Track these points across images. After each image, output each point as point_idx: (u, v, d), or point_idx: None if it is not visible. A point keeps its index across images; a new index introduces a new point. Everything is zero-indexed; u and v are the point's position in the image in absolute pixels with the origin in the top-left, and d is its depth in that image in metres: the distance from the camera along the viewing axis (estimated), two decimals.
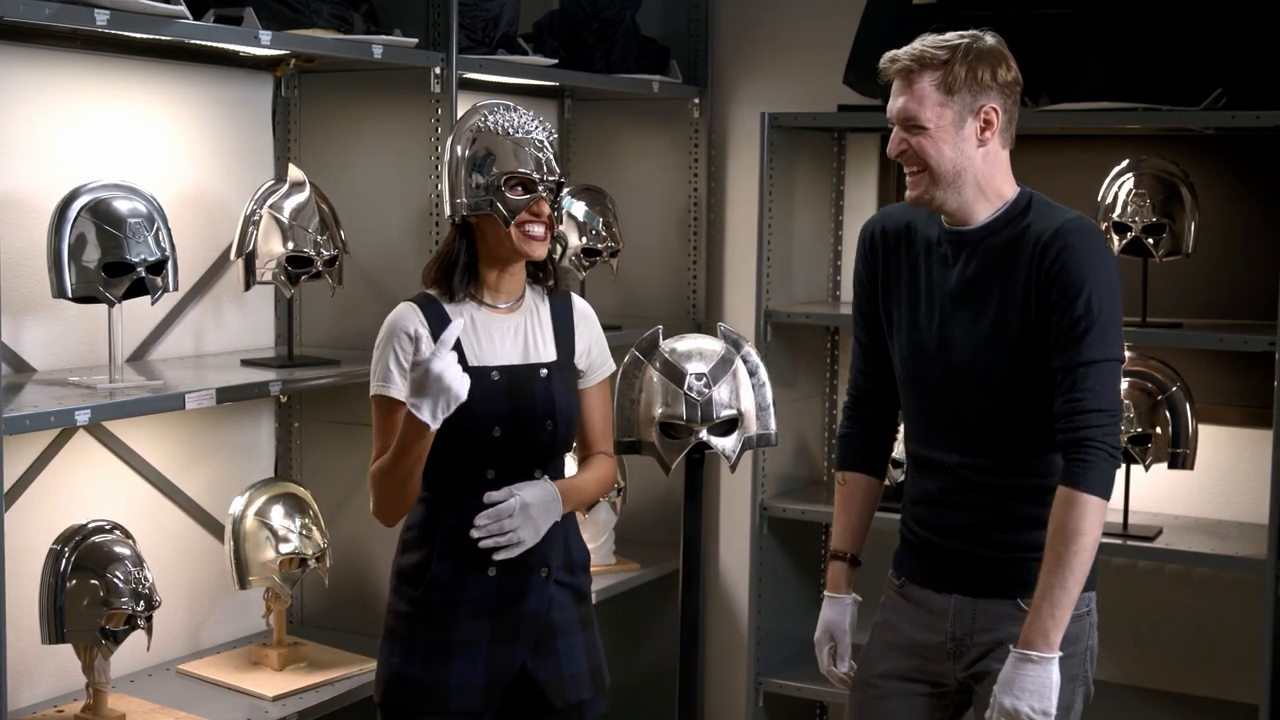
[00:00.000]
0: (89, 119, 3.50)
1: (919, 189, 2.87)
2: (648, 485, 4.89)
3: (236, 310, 3.90)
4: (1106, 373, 2.76)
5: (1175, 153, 4.15)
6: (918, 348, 2.94)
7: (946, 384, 2.91)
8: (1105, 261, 2.82)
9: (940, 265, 2.93)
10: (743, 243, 4.88)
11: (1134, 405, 4.02)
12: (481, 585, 2.95)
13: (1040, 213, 2.88)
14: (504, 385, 2.94)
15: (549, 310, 3.06)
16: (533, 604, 2.98)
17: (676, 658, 4.84)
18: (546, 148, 2.95)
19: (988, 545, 2.91)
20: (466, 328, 2.93)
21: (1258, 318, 4.14)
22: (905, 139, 2.85)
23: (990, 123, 2.86)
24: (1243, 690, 4.20)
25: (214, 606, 3.85)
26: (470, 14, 3.91)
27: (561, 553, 3.02)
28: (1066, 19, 4.19)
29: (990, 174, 2.90)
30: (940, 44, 2.86)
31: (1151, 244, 4.03)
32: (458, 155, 2.95)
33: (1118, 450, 2.76)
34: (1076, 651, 2.87)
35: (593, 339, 3.10)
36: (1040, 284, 2.79)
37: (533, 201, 2.90)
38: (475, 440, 2.92)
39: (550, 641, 3.01)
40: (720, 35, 4.89)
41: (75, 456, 3.49)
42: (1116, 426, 2.77)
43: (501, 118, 2.95)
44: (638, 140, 4.95)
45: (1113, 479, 2.77)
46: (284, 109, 3.97)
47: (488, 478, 2.94)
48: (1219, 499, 4.36)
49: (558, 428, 2.98)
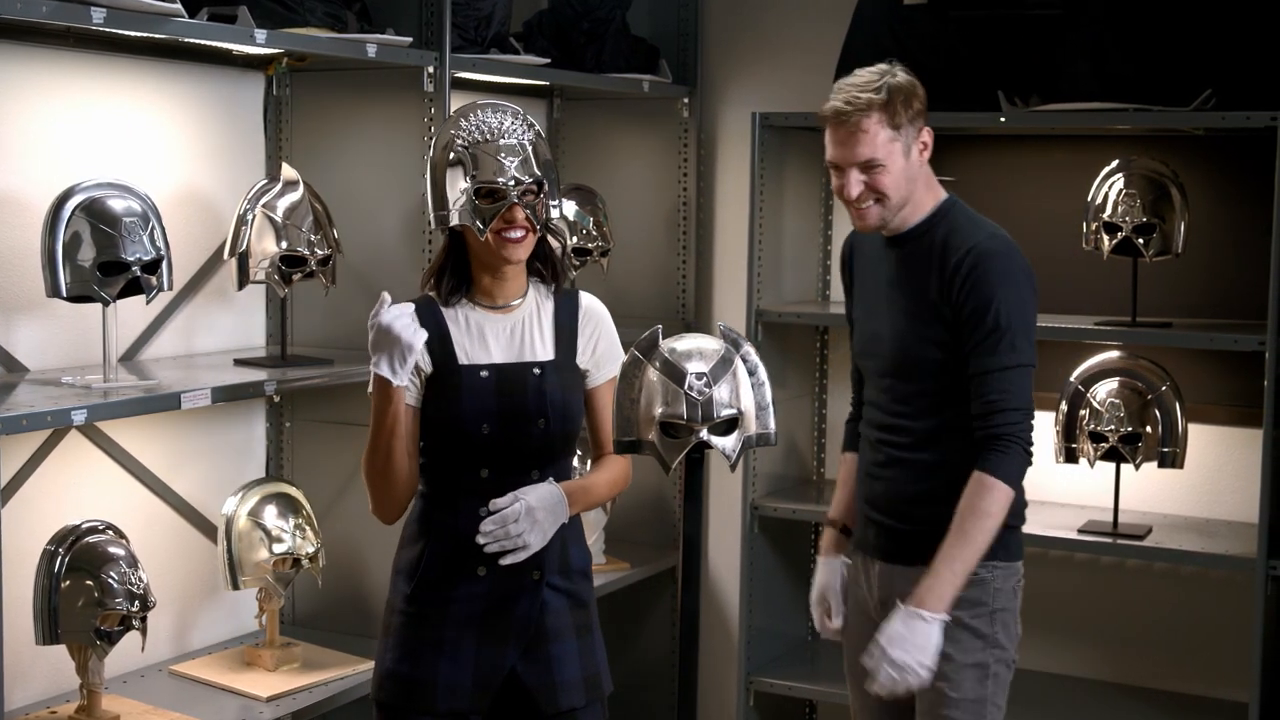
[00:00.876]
0: (79, 117, 3.48)
1: (872, 219, 3.15)
2: (638, 485, 4.86)
3: (227, 310, 3.89)
4: (1018, 377, 3.07)
5: (1164, 153, 4.16)
6: (863, 340, 3.30)
7: (876, 370, 3.23)
8: (1013, 278, 3.08)
9: (879, 265, 3.24)
10: (732, 242, 4.88)
11: (1124, 405, 4.04)
12: (472, 585, 2.95)
13: (958, 225, 3.15)
14: (493, 383, 2.94)
15: (552, 308, 3.06)
16: (523, 607, 2.97)
17: (667, 656, 4.94)
18: (525, 149, 2.94)
19: (898, 516, 3.19)
20: (459, 327, 2.97)
21: (1246, 317, 4.16)
22: (865, 180, 3.10)
23: (927, 144, 3.15)
24: (1233, 688, 4.22)
25: (205, 607, 3.84)
26: (462, 13, 3.91)
27: (558, 557, 3.01)
28: (1056, 19, 4.21)
29: (924, 185, 3.17)
30: (872, 86, 3.09)
31: (1142, 244, 4.04)
32: (434, 166, 2.98)
33: (1031, 446, 3.08)
34: (981, 613, 3.13)
35: (600, 337, 3.10)
36: (954, 300, 3.08)
37: (504, 209, 2.90)
38: (465, 437, 2.93)
39: (542, 646, 3.00)
40: (709, 35, 4.89)
41: (67, 457, 3.47)
42: (1029, 424, 3.08)
43: (477, 124, 2.95)
44: (627, 140, 4.95)
45: (1023, 471, 3.08)
46: (275, 108, 3.96)
47: (482, 476, 2.94)
48: (1208, 498, 4.38)
49: (550, 426, 2.97)
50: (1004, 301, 3.04)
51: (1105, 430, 4.05)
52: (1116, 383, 4.09)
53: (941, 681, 3.09)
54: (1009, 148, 4.50)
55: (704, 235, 4.93)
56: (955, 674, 3.11)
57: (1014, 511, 3.13)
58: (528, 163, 2.93)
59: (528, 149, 2.94)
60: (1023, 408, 3.06)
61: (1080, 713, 4.30)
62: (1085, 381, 4.12)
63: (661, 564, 4.84)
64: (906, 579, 3.11)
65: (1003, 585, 3.15)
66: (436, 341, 2.94)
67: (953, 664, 3.10)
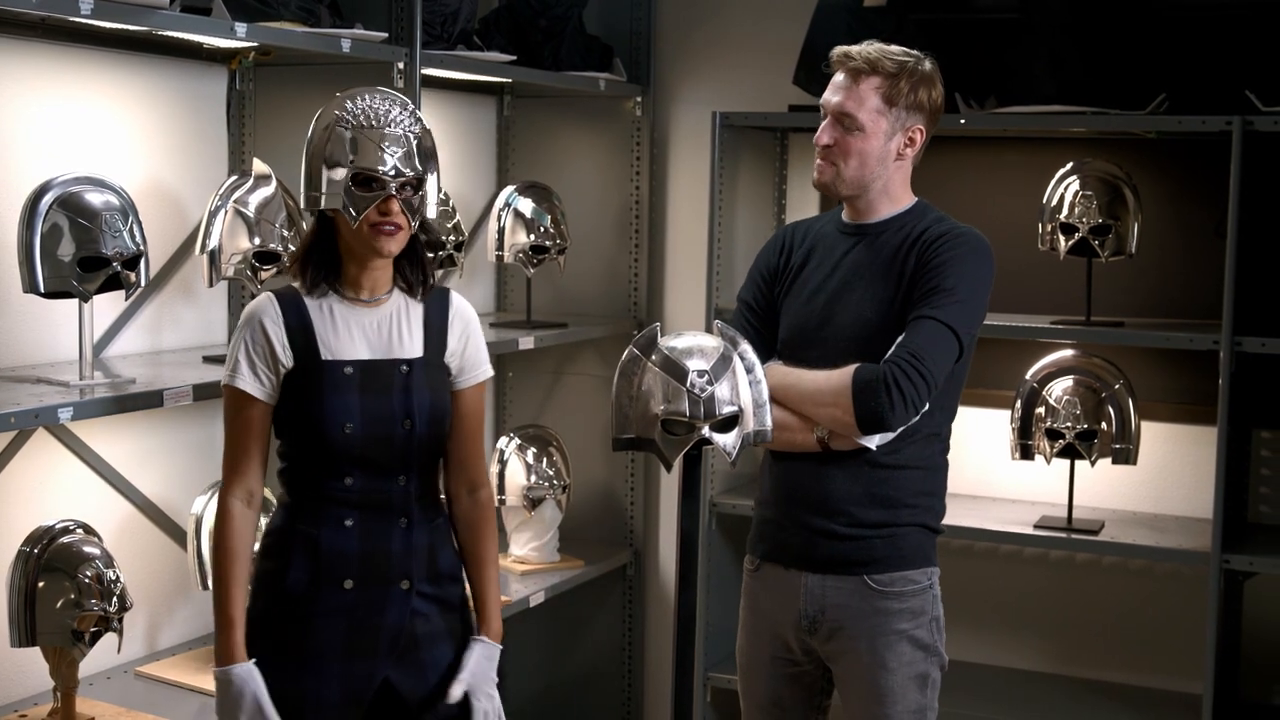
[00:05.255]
0: (41, 110, 3.42)
1: (827, 175, 3.11)
2: (591, 483, 4.90)
3: (190, 306, 3.83)
4: (936, 331, 2.95)
5: (1116, 155, 4.24)
6: (804, 329, 3.14)
7: (824, 360, 3.05)
8: (981, 265, 3.04)
9: (837, 254, 3.14)
10: (684, 241, 4.90)
11: (1080, 402, 4.12)
12: (338, 597, 2.83)
13: (939, 218, 3.12)
14: (357, 380, 2.82)
15: (421, 307, 2.92)
16: (392, 617, 2.85)
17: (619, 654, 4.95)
18: (409, 140, 2.81)
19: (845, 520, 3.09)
20: (323, 320, 2.83)
21: (1195, 316, 4.25)
22: (836, 136, 3.07)
23: (913, 141, 3.10)
24: (1185, 680, 4.32)
25: (172, 607, 3.78)
26: (429, 9, 3.89)
27: (425, 564, 2.89)
28: (1014, 23, 4.28)
29: (899, 183, 3.13)
30: (891, 56, 3.05)
31: (1097, 245, 4.11)
32: (312, 145, 2.84)
33: (903, 393, 2.90)
34: (923, 622, 3.10)
35: (468, 337, 2.96)
36: (916, 265, 3.03)
37: (380, 200, 2.77)
38: (326, 439, 2.79)
39: (414, 654, 2.87)
40: (662, 34, 4.90)
41: (33, 456, 3.41)
42: (915, 372, 2.91)
43: (363, 109, 2.81)
44: (577, 138, 4.95)
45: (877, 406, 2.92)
46: (238, 102, 3.91)
47: (346, 484, 2.82)
48: (1159, 494, 4.47)
49: (415, 427, 2.84)
50: (965, 273, 2.99)
51: (1061, 427, 4.11)
52: (1071, 381, 4.16)
53: (881, 699, 3.07)
54: (966, 149, 4.56)
55: (655, 235, 4.94)
56: (898, 687, 3.08)
57: (938, 516, 3.16)
58: (410, 156, 2.80)
59: (412, 142, 2.81)
60: (918, 354, 2.93)
61: (1033, 706, 4.37)
62: (1041, 380, 4.19)
63: (615, 562, 4.85)
64: (842, 591, 3.09)
65: (938, 591, 3.15)
66: (299, 335, 2.81)
67: (895, 677, 3.07)
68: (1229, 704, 4.14)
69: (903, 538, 3.09)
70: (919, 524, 3.11)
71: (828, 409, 3.00)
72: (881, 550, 3.08)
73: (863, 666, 3.09)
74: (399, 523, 2.85)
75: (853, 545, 3.08)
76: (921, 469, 3.11)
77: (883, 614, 3.08)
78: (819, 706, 3.27)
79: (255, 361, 2.80)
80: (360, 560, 2.82)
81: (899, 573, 3.09)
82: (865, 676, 3.09)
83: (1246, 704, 4.28)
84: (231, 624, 2.80)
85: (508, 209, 4.47)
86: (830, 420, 3.01)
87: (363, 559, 2.82)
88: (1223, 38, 4.21)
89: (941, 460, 3.17)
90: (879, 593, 3.08)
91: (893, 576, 3.08)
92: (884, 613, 3.08)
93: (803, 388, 3.03)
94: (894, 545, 3.08)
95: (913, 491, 3.09)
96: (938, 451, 3.15)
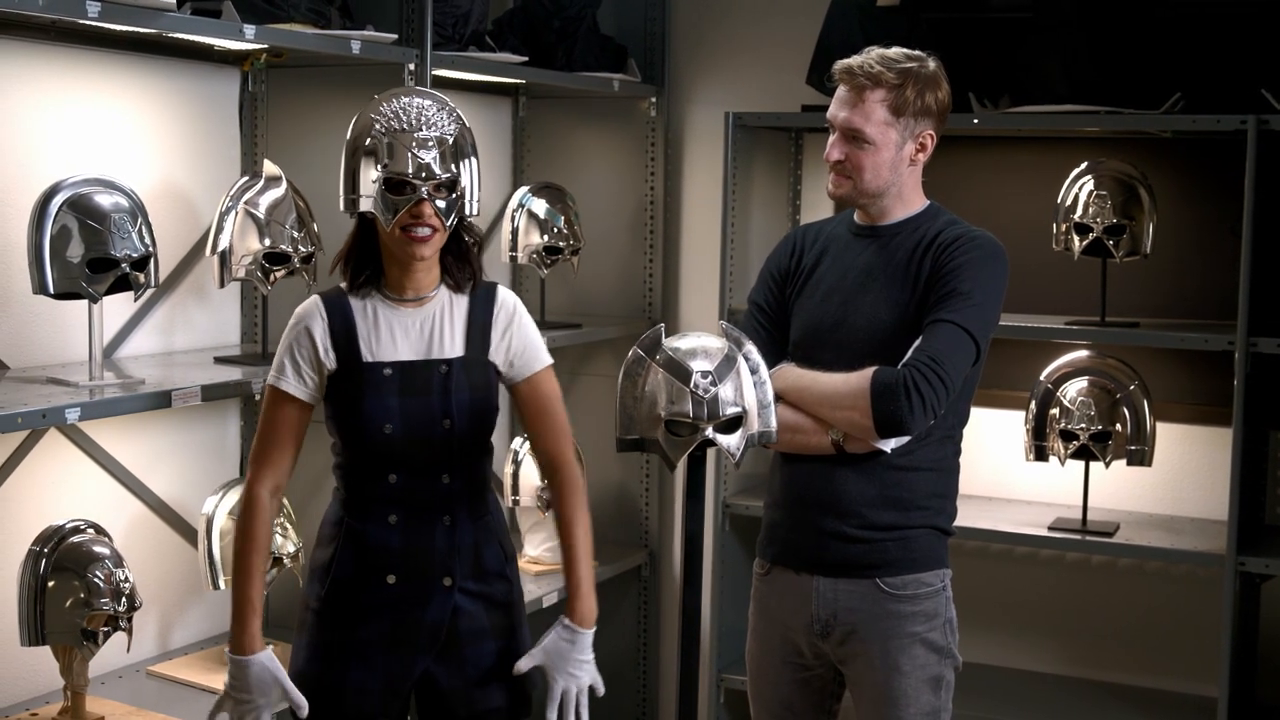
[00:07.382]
0: (54, 112, 3.43)
1: (843, 189, 3.10)
2: (605, 484, 4.90)
3: (202, 307, 3.85)
4: (954, 335, 2.93)
5: (1131, 155, 4.22)
6: (818, 330, 3.12)
7: (841, 361, 3.03)
8: (997, 269, 3.03)
9: (851, 256, 3.13)
10: (699, 242, 4.89)
11: (1094, 403, 4.09)
12: (381, 591, 2.88)
13: (950, 221, 3.11)
14: (396, 382, 2.86)
15: (467, 303, 2.94)
16: (434, 613, 2.90)
17: (634, 654, 4.94)
18: (444, 142, 2.81)
19: (859, 523, 3.08)
20: (366, 322, 2.87)
21: (1210, 317, 4.23)
22: (847, 151, 3.05)
23: (925, 146, 3.08)
24: (1201, 683, 4.29)
25: (183, 607, 3.80)
26: (440, 10, 3.89)
27: (470, 562, 2.92)
28: (1027, 22, 4.26)
29: (911, 186, 3.12)
30: (892, 64, 3.02)
31: (1112, 245, 4.09)
32: (350, 148, 2.86)
33: (922, 397, 2.89)
34: (937, 625, 3.09)
35: (513, 333, 2.96)
36: (932, 268, 3.01)
37: (412, 204, 2.79)
38: (367, 439, 2.85)
39: (456, 650, 2.92)
40: (676, 35, 4.90)
41: (45, 456, 3.43)
42: (935, 376, 2.89)
43: (397, 111, 2.82)
44: (592, 139, 4.94)
45: (896, 408, 2.90)
46: (250, 103, 3.92)
47: (390, 482, 2.86)
48: (1175, 495, 4.44)
49: (455, 427, 2.87)
50: (979, 278, 2.98)
51: (1076, 429, 4.10)
52: (1086, 382, 4.14)
53: (895, 701, 3.07)
54: (979, 149, 4.54)
55: (670, 235, 4.94)
56: (912, 690, 3.07)
57: (950, 517, 3.14)
58: (444, 157, 2.80)
59: (447, 142, 2.81)
60: (937, 358, 2.91)
61: (1048, 708, 4.35)
62: (1055, 381, 4.17)
63: (626, 563, 4.85)
64: (854, 595, 3.08)
65: (950, 593, 3.14)
66: (342, 338, 2.86)
67: (909, 680, 3.07)
68: (1245, 707, 4.11)
69: (915, 540, 3.08)
70: (931, 526, 3.10)
71: (845, 412, 2.99)
72: (894, 553, 3.07)
73: (876, 670, 3.08)
74: (442, 520, 2.89)
75: (864, 548, 3.07)
76: (935, 471, 3.10)
77: (896, 617, 3.07)
78: (829, 710, 3.27)
79: (300, 364, 2.87)
80: (403, 556, 2.88)
81: (911, 575, 3.08)
82: (879, 680, 3.08)
83: (1263, 706, 4.25)
84: (253, 611, 2.85)
85: (521, 210, 4.47)
86: (847, 423, 3.00)
87: (405, 555, 2.88)
88: (1238, 36, 4.19)
89: (954, 462, 3.16)
90: (892, 596, 3.07)
91: (905, 579, 3.07)
92: (897, 616, 3.07)
93: (819, 390, 3.02)
94: (906, 548, 3.07)
95: (926, 493, 3.08)
96: (950, 454, 3.14)
